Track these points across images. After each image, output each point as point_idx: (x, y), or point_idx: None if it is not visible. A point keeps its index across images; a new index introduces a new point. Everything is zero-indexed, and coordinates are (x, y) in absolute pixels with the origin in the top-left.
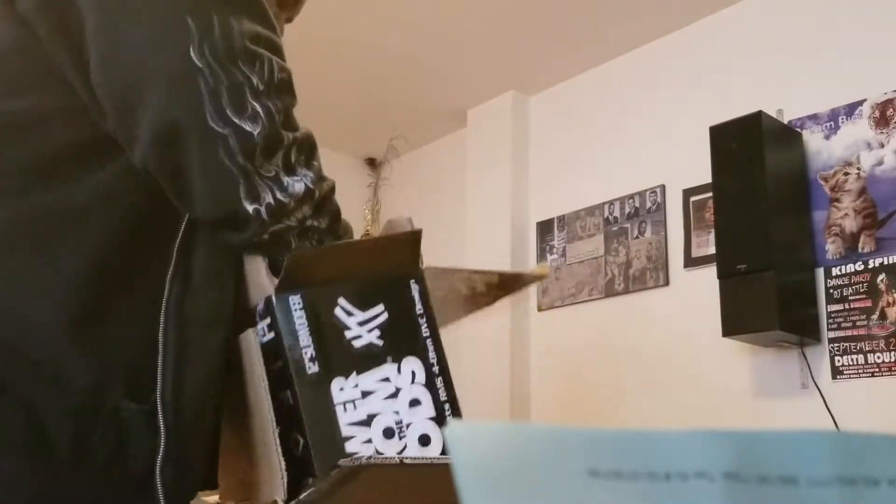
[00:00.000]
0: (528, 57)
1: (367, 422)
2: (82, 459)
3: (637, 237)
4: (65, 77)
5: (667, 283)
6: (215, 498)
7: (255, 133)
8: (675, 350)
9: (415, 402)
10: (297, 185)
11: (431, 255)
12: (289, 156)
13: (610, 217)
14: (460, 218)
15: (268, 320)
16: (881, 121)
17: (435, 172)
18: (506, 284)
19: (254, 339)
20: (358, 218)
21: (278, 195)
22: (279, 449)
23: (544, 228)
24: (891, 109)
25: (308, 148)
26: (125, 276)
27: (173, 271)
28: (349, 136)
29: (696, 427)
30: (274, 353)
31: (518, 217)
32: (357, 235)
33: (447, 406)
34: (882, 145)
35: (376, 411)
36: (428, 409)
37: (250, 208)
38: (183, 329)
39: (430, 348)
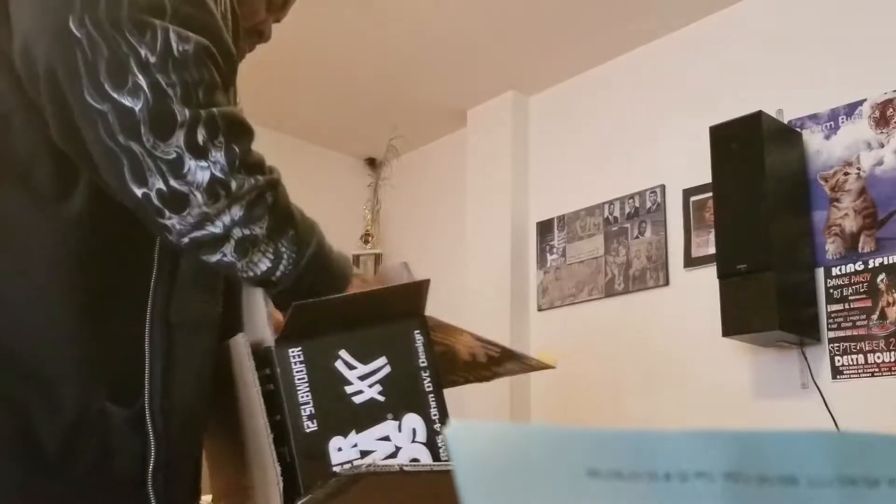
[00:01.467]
0: (528, 57)
1: None
2: (69, 463)
3: (637, 237)
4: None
5: (667, 283)
6: (208, 499)
7: (137, 108)
8: (675, 350)
9: (414, 462)
10: (201, 172)
11: (431, 256)
12: (193, 135)
13: (610, 217)
14: (460, 218)
15: (266, 371)
16: (881, 121)
17: (435, 172)
18: (507, 362)
19: (243, 344)
20: (358, 218)
21: (172, 182)
22: (275, 456)
23: (544, 228)
24: (891, 109)
25: (226, 128)
26: (109, 280)
27: (157, 275)
28: (349, 136)
29: (696, 427)
30: (273, 405)
31: (518, 217)
32: (356, 235)
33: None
34: (882, 145)
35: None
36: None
37: (138, 192)
38: (169, 333)
39: (432, 403)
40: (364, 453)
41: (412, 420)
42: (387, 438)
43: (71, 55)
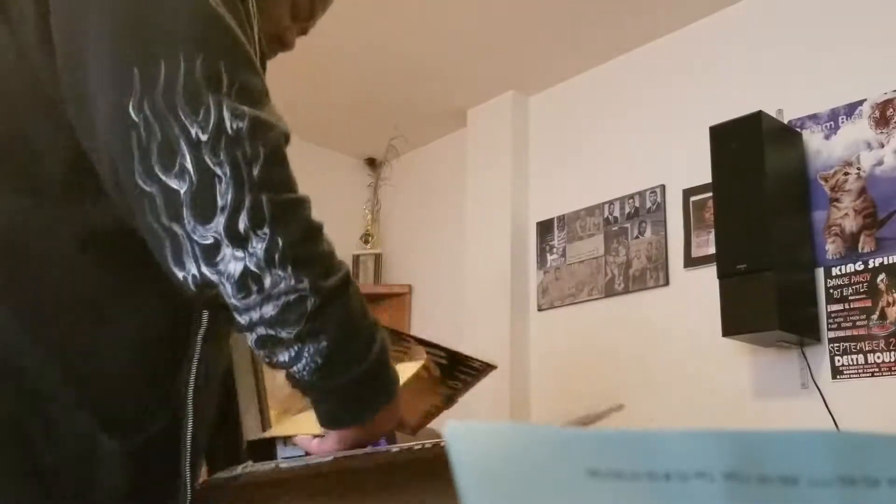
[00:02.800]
0: (528, 57)
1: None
2: (55, 487)
3: (637, 237)
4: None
5: (667, 283)
6: None
7: (182, 191)
8: (675, 350)
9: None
10: (235, 263)
11: (431, 256)
12: (234, 222)
13: (610, 217)
14: (460, 218)
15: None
16: (881, 121)
17: (435, 172)
18: (457, 371)
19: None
20: (358, 218)
21: (203, 268)
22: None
23: (544, 228)
24: (891, 109)
25: (274, 216)
26: (112, 312)
27: (204, 332)
28: (349, 136)
29: (696, 427)
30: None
31: (518, 217)
32: (356, 235)
33: None
34: (882, 145)
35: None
36: None
37: (179, 274)
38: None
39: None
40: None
41: None
42: None
43: (127, 138)
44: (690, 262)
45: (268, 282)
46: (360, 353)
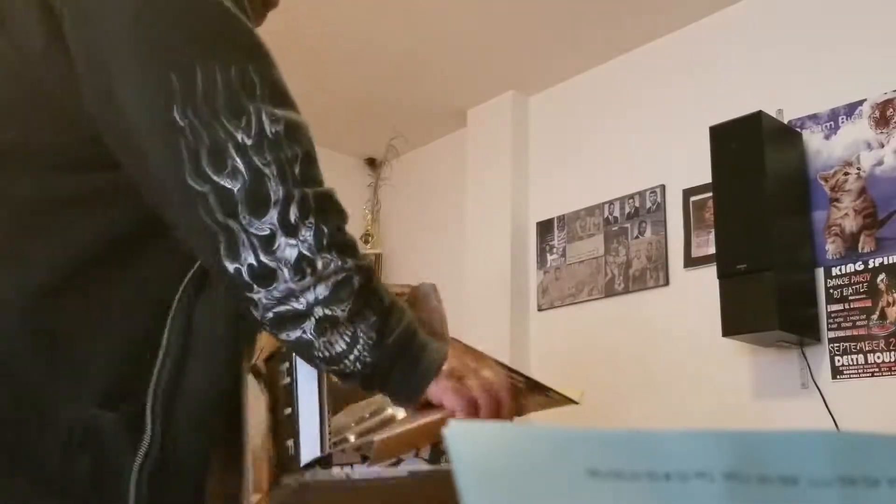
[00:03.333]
0: (528, 57)
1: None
2: (67, 476)
3: (637, 237)
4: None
5: (667, 283)
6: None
7: (235, 189)
8: (675, 350)
9: (413, 474)
10: (290, 250)
11: (431, 256)
12: (286, 214)
13: (610, 217)
14: (460, 218)
15: (287, 364)
16: (881, 121)
17: (435, 172)
18: (532, 394)
19: None
20: (358, 218)
21: (262, 257)
22: (250, 462)
23: (544, 228)
24: (891, 109)
25: (318, 207)
26: (103, 286)
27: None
28: (349, 136)
29: (696, 427)
30: (287, 398)
31: (518, 217)
32: (357, 235)
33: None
34: (882, 145)
35: (368, 476)
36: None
37: (231, 267)
38: (189, 329)
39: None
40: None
41: None
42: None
43: (175, 143)
44: (690, 262)
45: (320, 264)
46: (402, 318)
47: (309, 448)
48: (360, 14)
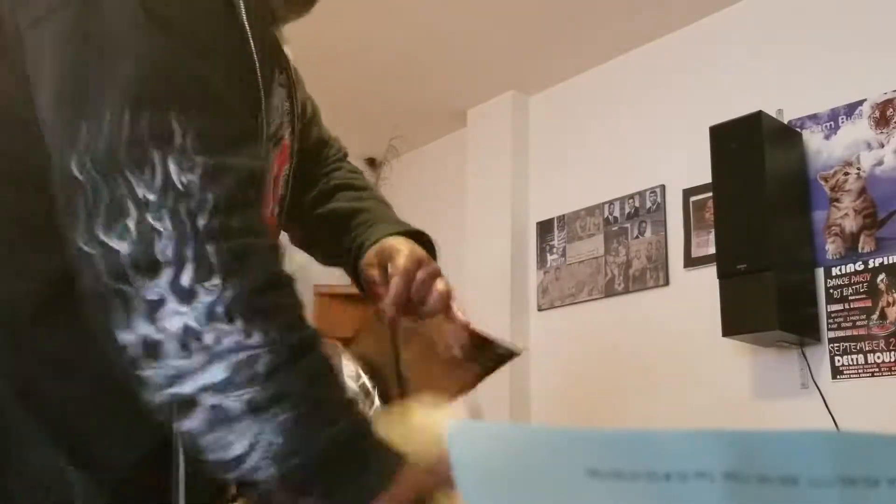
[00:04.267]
0: (528, 57)
1: None
2: None
3: (637, 237)
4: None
5: (667, 283)
6: None
7: (124, 251)
8: (675, 350)
9: None
10: (176, 318)
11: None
12: (178, 277)
13: (610, 217)
14: (460, 218)
15: None
16: (881, 121)
17: (435, 172)
18: (478, 354)
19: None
20: None
21: (148, 327)
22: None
23: (544, 228)
24: (891, 109)
25: (226, 266)
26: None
27: None
28: (349, 136)
29: (695, 427)
30: None
31: (518, 217)
32: None
33: None
34: (882, 145)
35: None
36: None
37: (128, 338)
38: None
39: None
40: None
41: None
42: None
43: (73, 197)
44: (690, 262)
45: (209, 338)
46: (339, 416)
47: None
48: (360, 14)
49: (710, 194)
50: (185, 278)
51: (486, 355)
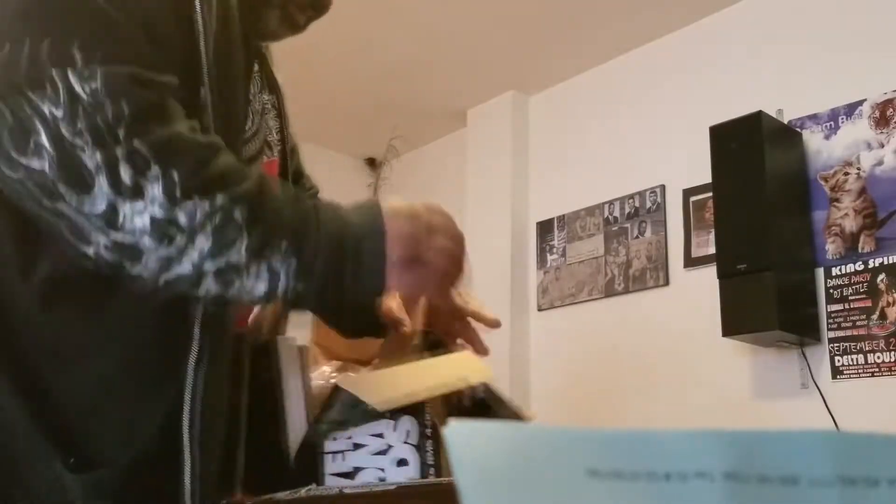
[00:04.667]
0: (528, 57)
1: (352, 475)
2: None
3: (637, 237)
4: None
5: (667, 283)
6: None
7: (47, 169)
8: (675, 350)
9: (402, 462)
10: (138, 217)
11: None
12: (116, 177)
13: (610, 217)
14: (460, 218)
15: (265, 362)
16: (881, 121)
17: (435, 172)
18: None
19: (288, 347)
20: None
21: (113, 235)
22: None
23: (544, 228)
24: (891, 109)
25: (158, 156)
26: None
27: (197, 354)
28: (349, 136)
29: (695, 427)
30: (270, 397)
31: (518, 217)
32: None
33: (432, 470)
34: (882, 145)
35: (362, 465)
36: (413, 470)
37: (89, 251)
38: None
39: (426, 409)
40: (357, 445)
41: (407, 422)
42: (380, 436)
43: None
44: (690, 262)
45: (182, 217)
46: (319, 222)
47: (297, 440)
48: (361, 14)
49: (710, 194)
50: (125, 176)
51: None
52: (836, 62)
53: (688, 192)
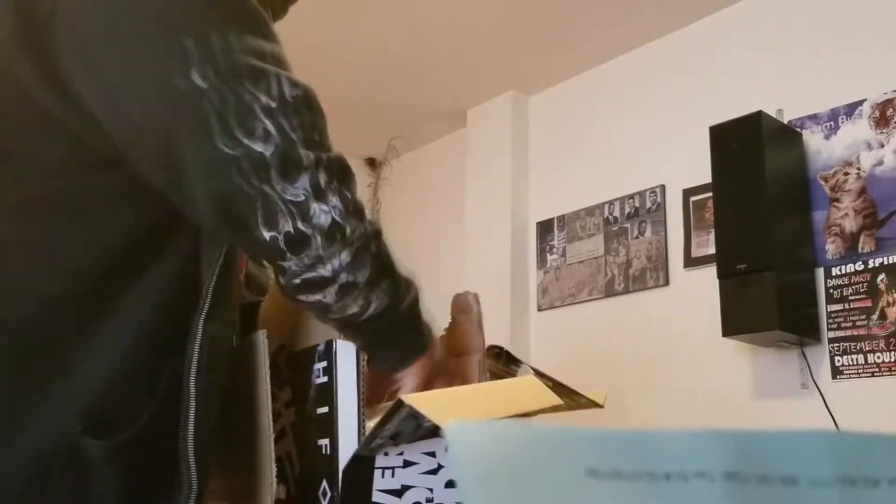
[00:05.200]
0: (528, 57)
1: (400, 492)
2: (38, 499)
3: (637, 237)
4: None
5: (667, 283)
6: None
7: (268, 153)
8: (675, 350)
9: (451, 484)
10: (324, 216)
11: (431, 256)
12: (316, 179)
13: (610, 217)
14: (460, 218)
15: (325, 364)
16: (881, 121)
17: (435, 172)
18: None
19: (262, 344)
20: None
21: (299, 224)
22: (272, 457)
23: (544, 228)
24: (891, 109)
25: (340, 172)
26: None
27: (208, 310)
28: (349, 136)
29: (696, 427)
30: (323, 397)
31: (518, 217)
32: None
33: None
34: (882, 145)
35: (411, 484)
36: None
37: (267, 235)
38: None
39: None
40: (407, 463)
41: None
42: (432, 454)
43: (199, 106)
44: (690, 262)
45: (348, 230)
46: (411, 287)
47: (348, 447)
48: (361, 15)
49: (710, 194)
50: (322, 180)
51: (565, 398)
52: (836, 62)
53: (688, 192)
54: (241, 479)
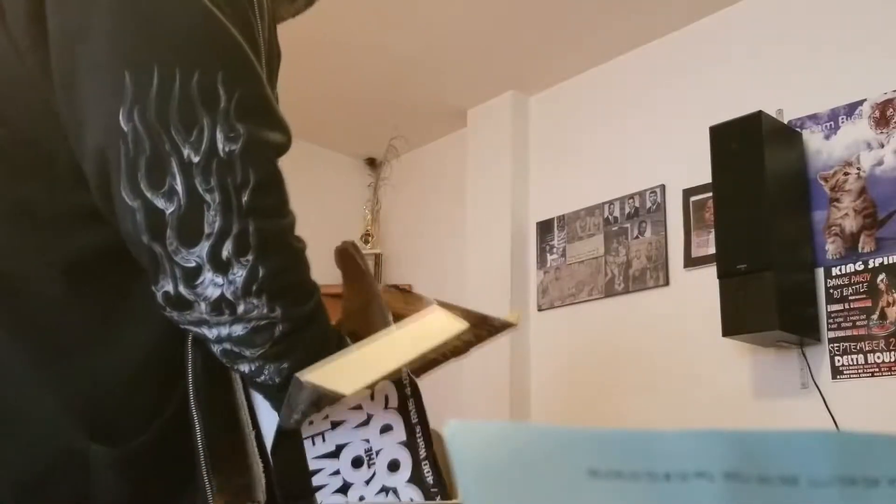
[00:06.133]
0: (528, 57)
1: (336, 453)
2: (38, 499)
3: (637, 237)
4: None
5: (667, 283)
6: None
7: (168, 212)
8: (675, 350)
9: (386, 428)
10: (212, 288)
11: (431, 256)
12: (218, 249)
13: (610, 217)
14: (460, 218)
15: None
16: (881, 121)
17: (435, 172)
18: (473, 326)
19: None
20: (358, 218)
21: (181, 288)
22: (256, 451)
23: (544, 228)
24: (891, 109)
25: (259, 246)
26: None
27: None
28: (349, 136)
29: (696, 427)
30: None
31: (518, 217)
32: (357, 235)
33: (418, 428)
34: (882, 145)
35: (345, 441)
36: (399, 433)
37: (152, 288)
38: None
39: (405, 371)
40: (335, 424)
41: (385, 388)
42: (359, 407)
43: (115, 148)
44: (690, 262)
45: (241, 308)
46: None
47: (286, 485)
48: (361, 15)
49: (710, 194)
50: (225, 251)
51: (480, 327)
52: (836, 62)
53: (688, 192)
54: (244, 477)
